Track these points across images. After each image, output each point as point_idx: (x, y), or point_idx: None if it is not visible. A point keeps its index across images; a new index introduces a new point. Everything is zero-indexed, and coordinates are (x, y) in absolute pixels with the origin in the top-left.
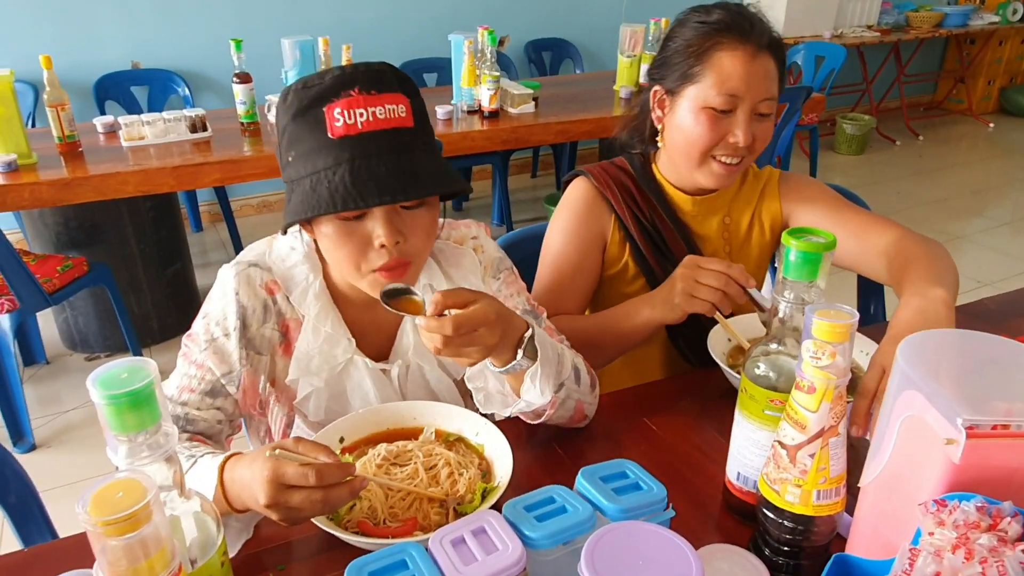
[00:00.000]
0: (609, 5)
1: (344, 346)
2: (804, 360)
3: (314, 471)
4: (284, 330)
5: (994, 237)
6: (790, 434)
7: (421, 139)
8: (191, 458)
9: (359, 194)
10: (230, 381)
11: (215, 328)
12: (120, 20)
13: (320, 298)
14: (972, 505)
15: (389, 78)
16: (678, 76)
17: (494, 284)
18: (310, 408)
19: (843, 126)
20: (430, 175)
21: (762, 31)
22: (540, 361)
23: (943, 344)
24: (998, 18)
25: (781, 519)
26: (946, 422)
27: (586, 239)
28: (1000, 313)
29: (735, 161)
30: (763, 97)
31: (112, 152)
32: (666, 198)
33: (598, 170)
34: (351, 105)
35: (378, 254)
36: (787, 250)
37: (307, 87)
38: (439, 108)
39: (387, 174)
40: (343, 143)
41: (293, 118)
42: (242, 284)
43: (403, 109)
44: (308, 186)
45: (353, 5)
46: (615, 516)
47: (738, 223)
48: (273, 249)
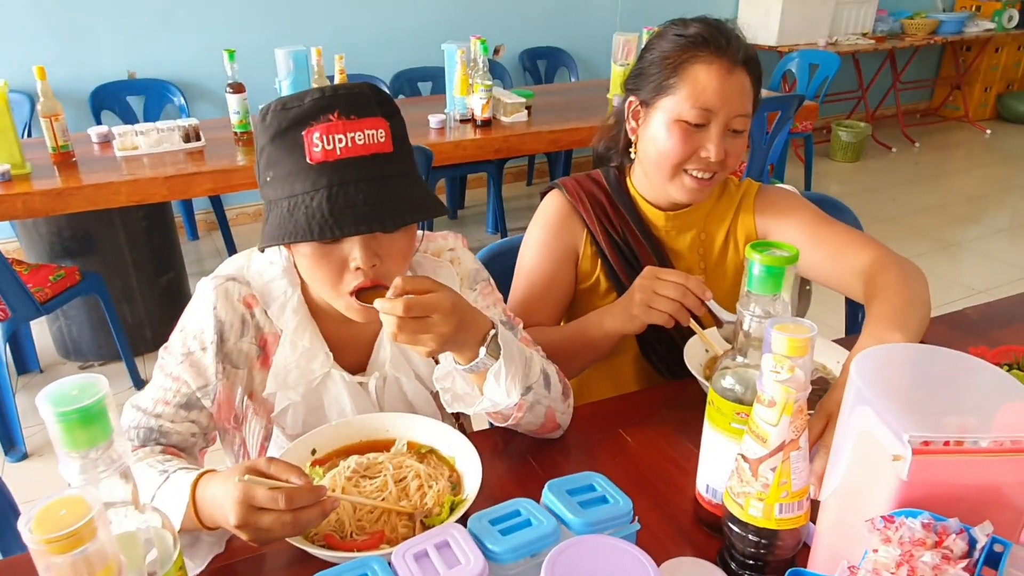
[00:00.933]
0: (604, 14)
1: (321, 360)
2: (764, 374)
3: (283, 495)
4: (262, 344)
5: (990, 244)
6: (752, 447)
7: (400, 164)
8: (164, 473)
9: (336, 223)
10: (205, 395)
11: (192, 342)
12: (116, 31)
13: (298, 312)
14: (918, 522)
15: (369, 101)
16: (653, 88)
17: (471, 295)
18: (287, 422)
19: (839, 133)
20: (407, 203)
21: (738, 47)
22: (504, 359)
23: (898, 360)
24: (994, 25)
25: (745, 532)
26: (894, 438)
27: (558, 252)
28: (981, 324)
29: (707, 176)
30: (737, 113)
31: (106, 162)
32: (639, 213)
33: (572, 183)
34: (330, 131)
35: (354, 276)
36: (750, 264)
37: (286, 108)
38: (432, 117)
39: (364, 202)
40: (321, 169)
41: (272, 139)
42: (220, 298)
43: (382, 134)
44: (286, 209)
45: (348, 15)
46: (579, 530)
47: (713, 239)
48: (252, 263)
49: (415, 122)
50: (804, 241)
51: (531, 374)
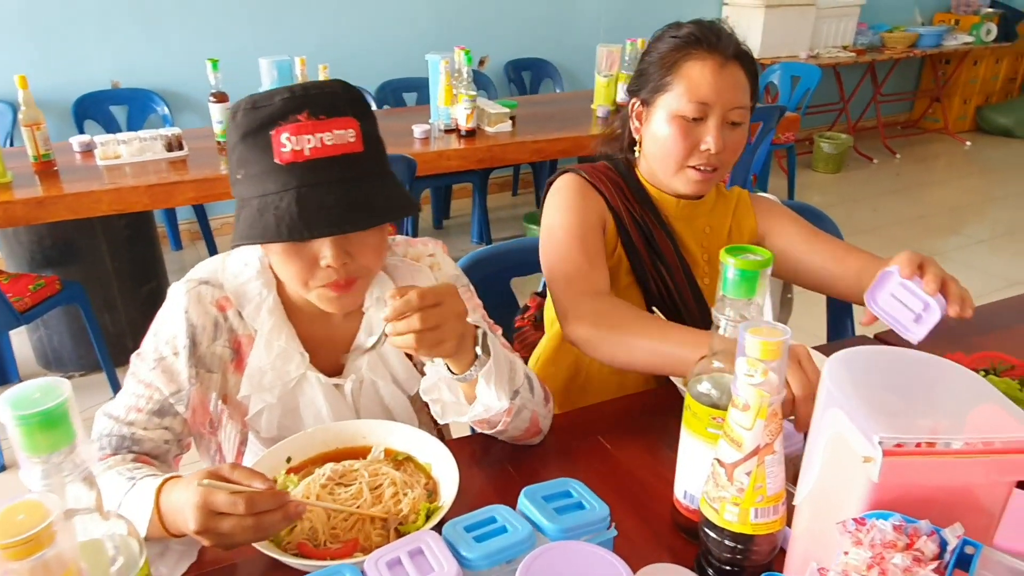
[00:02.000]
0: (588, 25)
1: (297, 361)
2: (738, 378)
3: (243, 500)
4: (236, 347)
5: (971, 254)
6: (727, 452)
7: (371, 165)
8: (131, 480)
9: (305, 225)
10: (179, 400)
11: (164, 347)
12: (100, 40)
13: (274, 313)
14: (889, 524)
15: (340, 101)
16: (652, 87)
17: None
18: (262, 424)
19: (820, 145)
20: (378, 203)
21: (729, 42)
22: (493, 360)
23: (870, 362)
24: (972, 38)
25: (721, 538)
26: (865, 440)
27: (591, 214)
28: (959, 330)
29: (709, 169)
30: (733, 105)
31: (87, 171)
32: (651, 199)
33: (588, 167)
34: (299, 131)
35: (325, 273)
36: (724, 268)
37: (256, 107)
38: (416, 127)
39: (334, 203)
40: (291, 169)
41: (242, 138)
42: (192, 302)
43: (352, 134)
44: (256, 208)
45: (332, 25)
46: (555, 536)
47: (718, 232)
48: (227, 265)
49: (399, 132)
50: (807, 243)
51: (516, 378)
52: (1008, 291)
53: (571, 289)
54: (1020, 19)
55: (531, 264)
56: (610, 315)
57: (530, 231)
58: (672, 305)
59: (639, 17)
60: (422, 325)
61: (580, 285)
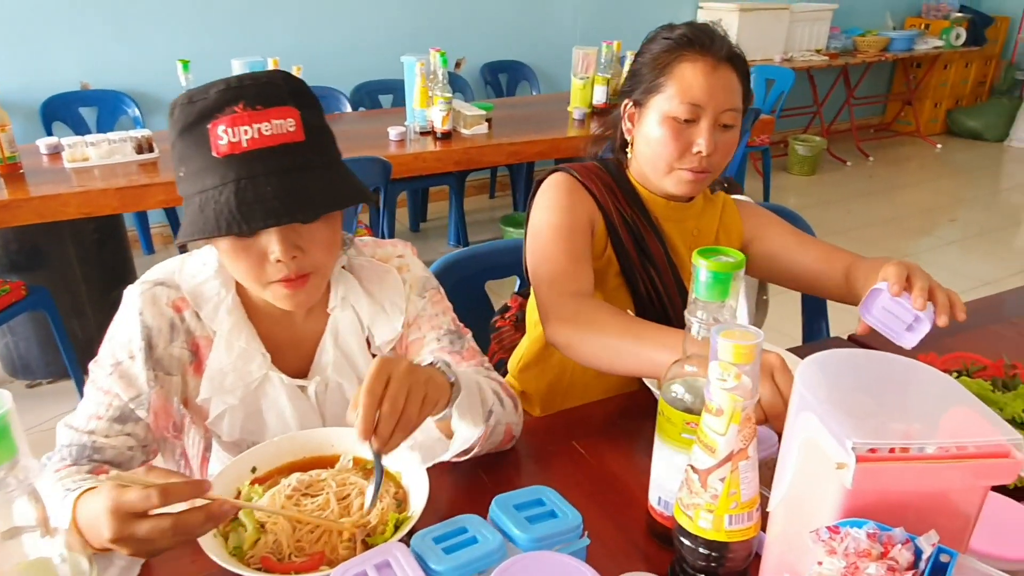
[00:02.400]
0: (564, 28)
1: (259, 362)
2: (711, 382)
3: (158, 491)
4: (194, 349)
5: (942, 255)
6: (701, 458)
7: (314, 155)
8: (66, 492)
9: (243, 218)
10: (139, 405)
11: (119, 352)
12: (70, 41)
13: (233, 313)
14: (863, 532)
15: (279, 90)
16: (644, 88)
17: (419, 303)
18: (224, 428)
19: (795, 147)
20: (320, 193)
21: (722, 44)
22: (465, 390)
23: (843, 364)
24: (942, 42)
25: (696, 545)
26: (838, 445)
27: (580, 213)
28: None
29: (700, 171)
30: (725, 107)
31: (55, 174)
32: (642, 201)
33: (579, 167)
34: (235, 122)
35: (275, 268)
36: (697, 270)
37: (192, 102)
38: (392, 129)
39: (273, 195)
40: (228, 162)
41: (180, 134)
42: (146, 304)
43: (292, 124)
44: (197, 205)
45: (307, 27)
46: (526, 546)
47: (706, 235)
48: (185, 266)
49: (375, 134)
50: (795, 246)
51: (487, 398)
52: (979, 291)
53: (554, 290)
54: (988, 24)
55: (506, 267)
56: (592, 317)
57: (507, 233)
58: (660, 307)
59: (615, 20)
60: (395, 412)
61: (564, 286)
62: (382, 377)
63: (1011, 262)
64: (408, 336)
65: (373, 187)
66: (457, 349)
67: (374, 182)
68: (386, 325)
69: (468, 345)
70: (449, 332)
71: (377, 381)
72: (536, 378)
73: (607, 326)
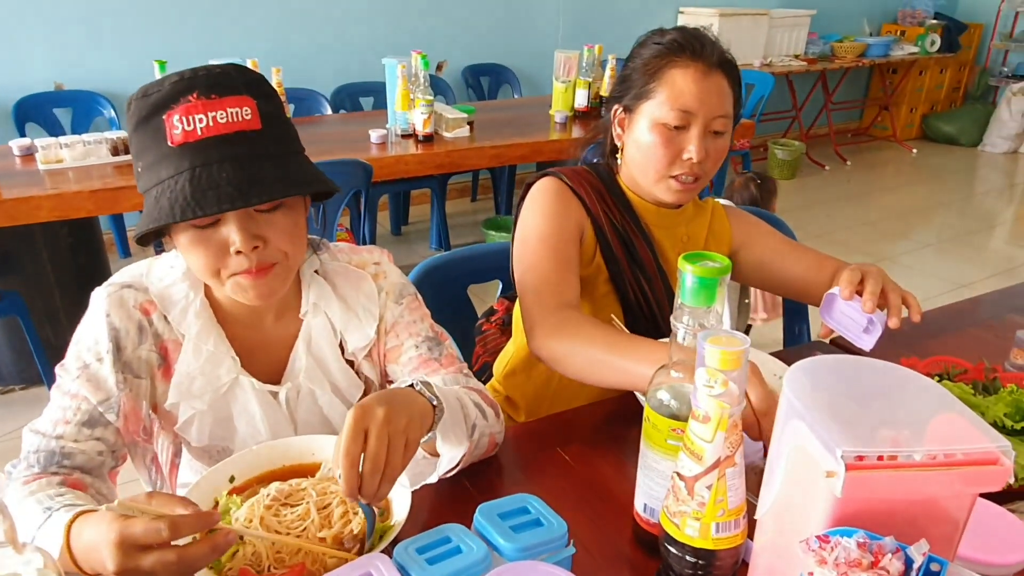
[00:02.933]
0: (546, 31)
1: (228, 366)
2: (698, 388)
3: (167, 525)
4: (163, 352)
5: (919, 259)
6: (688, 465)
7: (271, 143)
8: (47, 511)
9: (197, 203)
10: (108, 408)
11: (86, 354)
12: (43, 40)
13: (201, 316)
14: (853, 541)
15: (233, 80)
16: (635, 94)
17: (396, 309)
18: (193, 434)
19: (775, 151)
20: (277, 180)
21: (713, 50)
22: (448, 411)
23: (830, 372)
24: (917, 49)
25: (682, 553)
26: (827, 453)
27: (569, 221)
28: (912, 335)
29: (691, 179)
30: (716, 114)
31: (28, 176)
32: (632, 206)
33: (568, 171)
34: (189, 111)
35: (236, 260)
36: (683, 275)
37: (147, 95)
38: (373, 132)
39: (227, 181)
40: (183, 151)
41: (136, 128)
42: (113, 306)
43: (248, 111)
44: (153, 197)
45: (287, 28)
46: (511, 556)
47: (696, 241)
48: (152, 269)
49: (356, 137)
50: (785, 253)
51: (469, 413)
52: (955, 293)
53: (540, 302)
54: (962, 31)
55: (488, 271)
56: (577, 331)
57: (489, 237)
58: (649, 314)
59: (596, 24)
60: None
61: (549, 297)
62: (358, 436)
63: (985, 265)
64: (386, 343)
65: (354, 190)
66: (436, 356)
67: (355, 185)
68: (359, 331)
69: (447, 351)
70: (427, 339)
71: (354, 442)
72: (522, 384)
73: (593, 340)
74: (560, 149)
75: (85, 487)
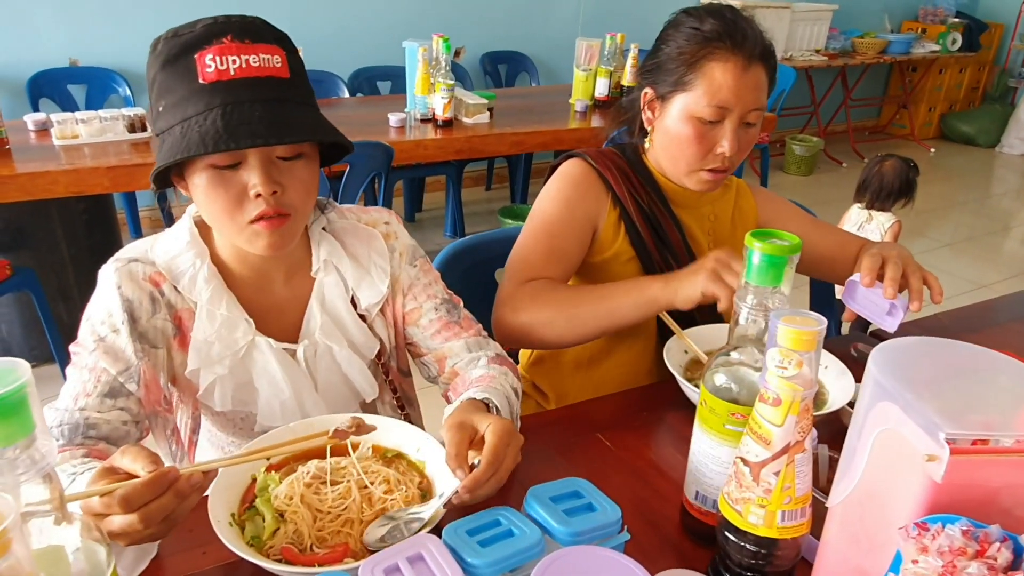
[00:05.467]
0: (566, 19)
1: (244, 328)
2: (769, 370)
3: (118, 500)
4: (177, 322)
5: (936, 257)
6: (754, 450)
7: (297, 91)
8: (73, 476)
9: (230, 136)
10: (129, 378)
11: (101, 328)
12: (59, 15)
13: (211, 281)
14: (957, 529)
15: (263, 30)
16: (670, 82)
17: (412, 271)
18: (215, 399)
19: (792, 147)
20: (305, 124)
21: (755, 40)
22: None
23: (917, 353)
24: (939, 47)
25: (743, 542)
26: (926, 437)
27: (580, 211)
28: (954, 328)
29: (721, 170)
30: (752, 108)
31: (43, 151)
32: (659, 186)
33: (596, 153)
34: (223, 52)
35: (255, 204)
36: (750, 252)
37: (177, 35)
38: (392, 116)
39: (259, 119)
40: (215, 88)
41: (163, 66)
42: (124, 278)
43: (278, 60)
44: (179, 133)
45: (306, 10)
46: (565, 540)
47: (722, 220)
48: (156, 243)
49: (375, 120)
50: (813, 229)
51: (513, 402)
52: (974, 293)
53: (512, 281)
54: (983, 30)
55: None
56: (545, 295)
57: (506, 225)
58: None
59: (618, 12)
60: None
61: (520, 276)
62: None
63: (1002, 266)
64: (404, 306)
65: (375, 172)
66: (455, 319)
67: (376, 167)
68: (371, 288)
69: (464, 314)
70: (445, 302)
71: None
72: (550, 372)
73: (566, 298)
74: (580, 138)
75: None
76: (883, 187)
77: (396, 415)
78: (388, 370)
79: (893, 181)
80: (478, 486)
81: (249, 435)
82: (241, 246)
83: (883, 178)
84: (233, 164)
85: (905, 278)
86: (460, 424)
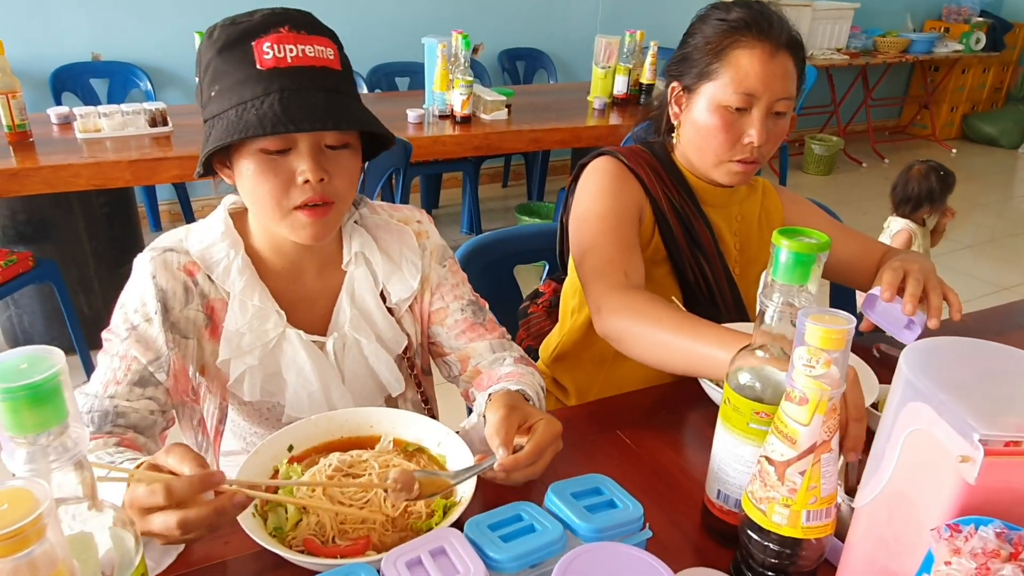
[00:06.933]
0: (584, 16)
1: (275, 320)
2: (796, 369)
3: (162, 488)
4: (209, 312)
5: (958, 260)
6: (779, 449)
7: (347, 85)
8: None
9: (289, 119)
10: (159, 368)
11: (134, 316)
12: (81, 10)
13: (244, 272)
14: (991, 531)
15: (317, 23)
16: (696, 73)
17: (441, 271)
18: (244, 389)
19: (812, 147)
20: (358, 114)
21: (781, 29)
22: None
23: (948, 353)
24: (962, 47)
25: (767, 541)
26: (960, 438)
27: (628, 202)
28: (977, 330)
29: (751, 161)
30: (780, 96)
31: (66, 144)
32: (689, 185)
33: (626, 151)
34: (281, 40)
35: (301, 190)
36: (777, 250)
37: (235, 23)
38: (410, 112)
39: (317, 104)
40: (272, 74)
41: (219, 52)
42: (159, 268)
43: (331, 53)
44: (233, 116)
45: (326, 5)
46: (588, 536)
47: (749, 220)
48: (191, 233)
49: (393, 116)
50: (836, 233)
51: (541, 398)
52: (995, 295)
53: (604, 281)
54: (1008, 30)
55: (536, 252)
56: (644, 310)
57: (522, 222)
58: (708, 294)
59: (636, 9)
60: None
61: (614, 278)
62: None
63: None
64: (432, 304)
65: (393, 168)
66: (480, 321)
67: (394, 163)
68: (401, 283)
69: (489, 316)
70: (471, 303)
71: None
72: (572, 368)
73: (662, 321)
74: (598, 135)
75: (139, 448)
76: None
77: (420, 410)
78: (413, 366)
79: (914, 187)
80: (517, 468)
81: (275, 426)
82: (283, 233)
83: (908, 184)
84: (284, 149)
85: (925, 293)
86: (512, 407)
